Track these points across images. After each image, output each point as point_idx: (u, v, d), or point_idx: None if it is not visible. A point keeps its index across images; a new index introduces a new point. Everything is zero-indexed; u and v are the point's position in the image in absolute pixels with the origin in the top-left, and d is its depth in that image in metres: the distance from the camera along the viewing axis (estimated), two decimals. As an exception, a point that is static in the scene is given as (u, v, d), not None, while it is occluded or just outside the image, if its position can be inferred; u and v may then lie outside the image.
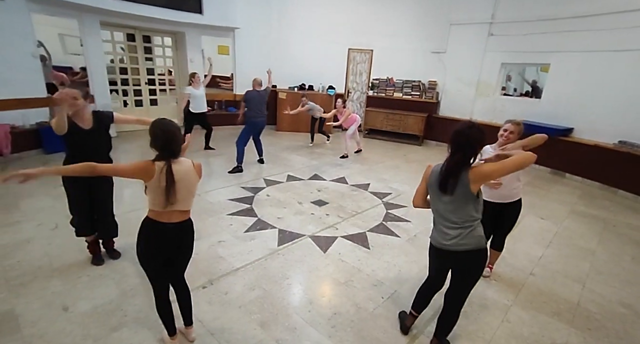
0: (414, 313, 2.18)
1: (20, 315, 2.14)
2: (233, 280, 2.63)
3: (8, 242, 2.93)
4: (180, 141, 1.73)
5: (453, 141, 1.70)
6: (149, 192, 1.69)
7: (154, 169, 1.63)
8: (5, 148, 4.77)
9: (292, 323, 2.23)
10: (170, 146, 1.67)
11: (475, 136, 1.67)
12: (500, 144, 2.53)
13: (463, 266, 1.84)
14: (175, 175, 1.65)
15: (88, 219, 2.62)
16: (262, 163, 5.65)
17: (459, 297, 1.91)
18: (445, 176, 1.71)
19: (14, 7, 4.90)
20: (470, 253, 1.75)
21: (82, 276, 2.55)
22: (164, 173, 1.63)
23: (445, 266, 1.96)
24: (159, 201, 1.67)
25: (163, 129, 1.67)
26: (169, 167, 1.64)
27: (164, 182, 1.63)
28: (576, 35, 5.81)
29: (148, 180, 1.64)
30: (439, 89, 7.89)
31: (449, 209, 1.76)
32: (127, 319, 2.17)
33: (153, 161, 1.65)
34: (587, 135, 5.84)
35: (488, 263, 2.87)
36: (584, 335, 2.29)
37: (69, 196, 2.55)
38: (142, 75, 7.25)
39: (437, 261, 1.96)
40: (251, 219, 3.66)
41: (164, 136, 1.66)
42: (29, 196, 3.86)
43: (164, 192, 1.64)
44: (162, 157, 1.66)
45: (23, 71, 5.11)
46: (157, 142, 1.67)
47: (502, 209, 2.60)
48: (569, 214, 4.38)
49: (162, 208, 1.69)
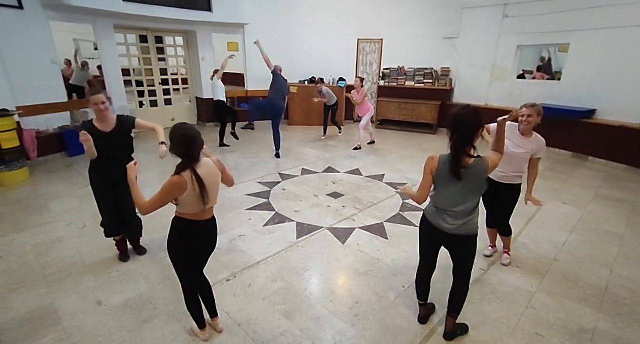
0: (421, 302, 2.20)
1: (60, 309, 2.26)
2: (255, 273, 2.69)
3: (43, 241, 3.09)
4: (201, 145, 1.70)
5: (450, 125, 1.74)
6: (183, 201, 1.69)
7: (186, 182, 1.62)
8: (32, 152, 4.99)
9: (316, 313, 2.27)
10: (192, 151, 1.66)
11: (469, 116, 1.68)
12: (522, 130, 2.50)
13: (455, 248, 1.92)
14: (203, 178, 1.67)
15: (115, 220, 2.73)
16: (278, 158, 5.70)
17: (463, 271, 1.97)
18: (454, 161, 1.72)
19: (33, 16, 5.06)
20: (463, 238, 1.84)
21: (112, 272, 2.67)
22: (194, 181, 1.64)
23: (435, 241, 1.99)
24: (195, 206, 1.71)
25: (184, 134, 1.64)
26: (196, 174, 1.65)
27: (198, 190, 1.65)
28: (599, 12, 5.53)
29: (182, 194, 1.64)
30: (453, 76, 7.70)
31: (459, 196, 1.78)
32: (157, 312, 2.26)
33: (179, 174, 1.63)
34: (611, 116, 5.60)
35: (503, 249, 2.87)
36: (613, 320, 2.24)
37: (97, 199, 2.66)
38: (155, 75, 7.39)
39: (428, 236, 1.99)
40: (269, 213, 3.72)
41: (184, 140, 1.63)
42: (57, 198, 4.03)
43: (199, 198, 1.67)
44: (185, 165, 1.65)
45: (44, 78, 5.29)
46: (178, 148, 1.65)
47: (498, 189, 2.59)
48: (594, 198, 4.25)
49: (198, 211, 1.74)
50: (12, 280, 2.55)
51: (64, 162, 5.33)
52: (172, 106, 7.86)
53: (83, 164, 5.19)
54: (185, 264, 1.87)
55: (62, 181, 4.55)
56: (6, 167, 4.34)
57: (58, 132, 5.48)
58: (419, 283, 2.16)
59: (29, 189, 4.30)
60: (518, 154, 2.47)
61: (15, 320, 2.17)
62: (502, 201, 2.65)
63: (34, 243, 3.04)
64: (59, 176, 4.77)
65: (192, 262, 1.88)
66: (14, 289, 2.45)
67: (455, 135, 1.69)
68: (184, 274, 1.90)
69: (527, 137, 2.49)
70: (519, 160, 2.49)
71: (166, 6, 6.34)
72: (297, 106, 8.33)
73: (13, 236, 3.16)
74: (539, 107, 2.44)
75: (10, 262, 2.77)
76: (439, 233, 1.89)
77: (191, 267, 1.90)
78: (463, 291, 1.99)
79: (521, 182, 2.60)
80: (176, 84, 7.91)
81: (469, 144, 1.69)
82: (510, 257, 2.86)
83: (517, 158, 2.48)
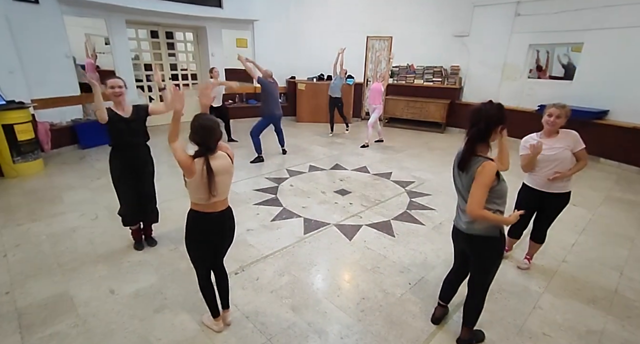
0: (441, 303, 2.19)
1: (75, 296, 2.33)
2: (263, 266, 2.73)
3: (57, 230, 3.17)
4: (219, 136, 1.77)
5: (470, 118, 1.68)
6: (190, 186, 1.77)
7: (194, 166, 1.70)
8: (46, 144, 5.09)
9: (322, 307, 2.30)
10: (209, 141, 1.73)
11: (491, 111, 1.63)
12: (546, 131, 2.39)
13: (473, 250, 1.84)
14: (214, 170, 1.73)
15: (135, 208, 2.80)
16: (285, 154, 5.73)
17: (478, 282, 1.89)
18: (463, 152, 1.69)
19: (48, 10, 5.15)
20: (480, 238, 1.76)
21: (124, 262, 2.74)
22: (204, 169, 1.70)
23: (459, 246, 1.97)
24: (202, 194, 1.76)
25: (202, 124, 1.72)
26: (208, 163, 1.71)
27: (205, 179, 1.71)
28: (614, 11, 5.43)
29: (190, 177, 1.72)
30: (462, 74, 7.64)
31: (465, 187, 1.73)
32: (168, 302, 2.31)
33: (193, 158, 1.71)
34: (624, 117, 5.50)
35: (526, 255, 2.81)
36: (622, 323, 2.22)
37: (117, 187, 2.73)
38: (165, 70, 7.45)
39: (454, 241, 1.99)
40: (277, 208, 3.76)
41: (202, 131, 1.71)
42: (71, 189, 4.13)
43: (206, 187, 1.72)
44: (200, 152, 1.72)
45: (58, 71, 5.40)
46: (196, 137, 1.72)
47: (544, 198, 2.47)
48: (604, 200, 4.19)
49: (205, 201, 1.79)
50: (29, 267, 2.63)
51: (77, 155, 5.43)
52: (182, 101, 7.91)
53: (95, 157, 5.29)
54: (198, 255, 1.93)
55: (75, 173, 4.65)
56: (22, 158, 4.45)
57: (71, 124, 5.59)
58: (444, 282, 2.16)
59: (43, 180, 4.40)
60: (552, 155, 2.34)
61: (33, 305, 2.24)
62: (549, 208, 2.52)
63: (48, 233, 3.13)
64: (72, 167, 4.87)
65: (205, 252, 1.93)
66: (31, 276, 2.53)
67: (474, 128, 1.65)
68: (196, 262, 1.95)
69: (554, 137, 2.38)
70: (559, 161, 2.34)
71: (177, 1, 6.40)
72: (305, 102, 8.34)
73: (29, 225, 3.24)
74: (568, 108, 2.32)
75: (26, 250, 2.86)
76: (459, 234, 1.86)
77: (204, 258, 1.94)
78: (474, 306, 1.92)
79: (570, 190, 2.46)
80: (186, 79, 7.98)
81: (484, 140, 1.65)
82: (530, 264, 2.79)
83: (554, 160, 2.34)
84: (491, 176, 1.61)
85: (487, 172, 1.60)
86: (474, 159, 1.66)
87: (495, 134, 1.66)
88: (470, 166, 1.67)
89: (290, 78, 8.57)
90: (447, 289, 2.15)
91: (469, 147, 1.67)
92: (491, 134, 1.65)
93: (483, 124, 1.63)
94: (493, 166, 1.62)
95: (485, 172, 1.60)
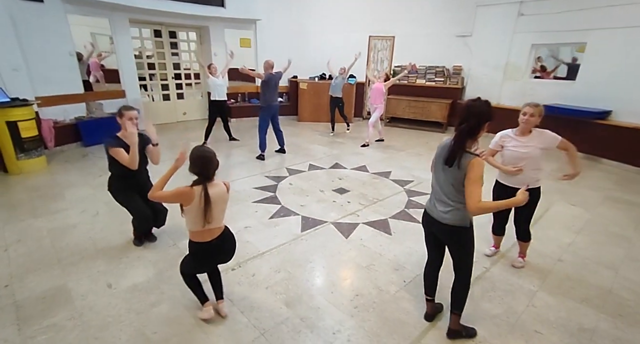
0: (428, 297, 2.21)
1: (72, 289, 2.38)
2: (259, 263, 2.76)
3: (58, 226, 3.23)
4: (216, 166, 1.91)
5: (459, 114, 1.74)
6: (187, 213, 1.89)
7: (194, 194, 1.83)
8: (50, 141, 5.17)
9: (316, 303, 2.32)
10: (207, 171, 1.87)
11: (480, 107, 1.69)
12: (520, 129, 2.47)
13: (447, 237, 1.92)
14: (211, 197, 1.85)
15: (148, 215, 2.81)
16: (284, 153, 5.76)
17: (460, 267, 1.96)
18: (453, 147, 1.72)
19: (52, 9, 5.23)
20: (452, 227, 1.83)
21: (123, 258, 2.78)
22: (202, 196, 1.83)
23: (430, 231, 2.01)
24: (197, 221, 1.88)
25: (200, 155, 1.87)
26: (206, 191, 1.84)
27: (202, 204, 1.83)
28: (617, 10, 5.39)
29: (188, 204, 1.84)
30: (464, 74, 7.62)
31: (449, 181, 1.78)
32: (164, 296, 2.35)
33: (192, 186, 1.85)
34: (627, 117, 5.46)
35: (519, 253, 2.83)
36: (615, 321, 2.22)
37: (129, 208, 2.78)
38: (168, 70, 7.52)
39: (425, 227, 2.04)
40: (275, 206, 3.79)
41: (200, 161, 1.86)
42: (73, 186, 4.18)
43: (202, 213, 1.85)
44: (199, 181, 1.87)
45: (62, 69, 5.48)
46: (195, 168, 1.87)
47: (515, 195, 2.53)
48: (604, 201, 4.17)
49: (200, 227, 1.91)
50: (30, 261, 2.68)
51: (80, 152, 5.50)
52: (184, 100, 7.99)
53: (97, 155, 5.35)
54: (199, 270, 2.15)
55: (77, 170, 4.71)
56: (25, 155, 4.52)
57: (74, 122, 5.66)
58: (425, 276, 2.19)
59: (46, 177, 4.47)
60: (524, 153, 2.42)
61: (31, 298, 2.29)
62: (523, 206, 2.55)
63: (49, 228, 3.18)
64: (75, 165, 4.94)
65: (206, 269, 2.18)
66: (31, 270, 2.58)
67: (462, 124, 1.69)
68: (194, 272, 2.16)
69: (527, 135, 2.45)
70: (529, 159, 2.41)
71: (181, 1, 6.45)
72: (306, 102, 8.37)
73: (30, 221, 3.30)
74: (541, 107, 2.42)
75: (28, 245, 2.91)
76: (433, 222, 1.91)
77: (202, 271, 2.18)
78: (460, 286, 1.99)
79: (540, 185, 2.52)
80: (188, 78, 8.04)
81: (473, 136, 1.70)
82: (525, 262, 2.80)
83: (526, 157, 2.41)
84: (482, 172, 1.67)
85: (479, 168, 1.67)
86: (464, 154, 1.70)
87: (483, 130, 1.71)
88: (460, 162, 1.70)
89: (292, 77, 8.60)
90: (428, 282, 2.18)
91: (459, 142, 1.70)
92: (481, 130, 1.70)
93: (474, 120, 1.67)
94: (482, 162, 1.68)
95: (477, 169, 1.67)
